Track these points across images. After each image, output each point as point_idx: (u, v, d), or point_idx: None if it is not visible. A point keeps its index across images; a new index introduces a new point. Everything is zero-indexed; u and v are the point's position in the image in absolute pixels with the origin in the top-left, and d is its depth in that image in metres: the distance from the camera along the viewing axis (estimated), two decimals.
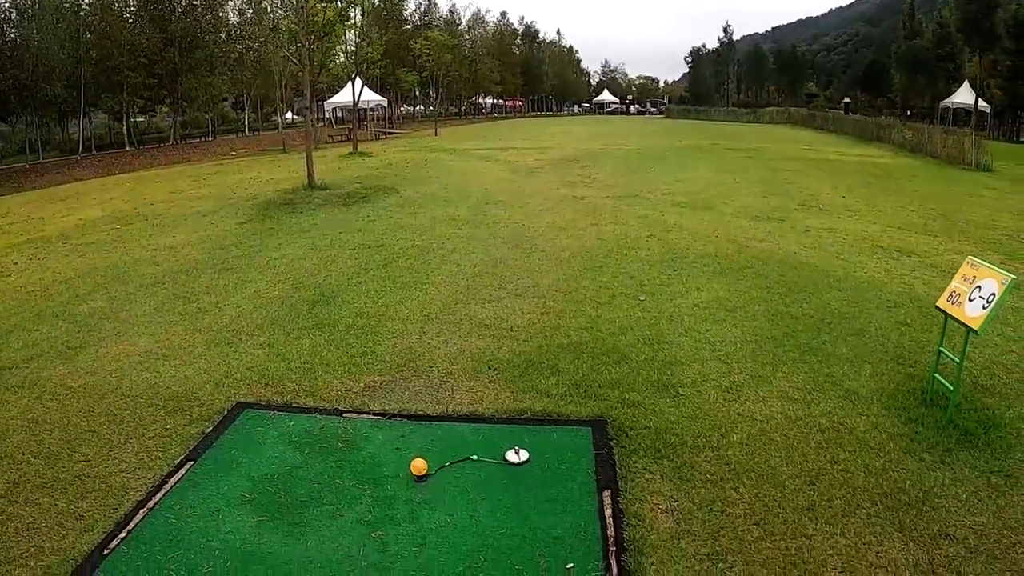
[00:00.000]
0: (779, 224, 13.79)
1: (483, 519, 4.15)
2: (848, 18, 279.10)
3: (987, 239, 13.02)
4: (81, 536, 3.98)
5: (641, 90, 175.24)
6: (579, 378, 6.22)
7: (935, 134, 34.87)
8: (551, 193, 17.49)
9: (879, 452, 5.03)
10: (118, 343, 7.15)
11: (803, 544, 4.00)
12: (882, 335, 7.38)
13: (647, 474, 4.70)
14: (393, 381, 6.19)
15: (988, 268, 5.35)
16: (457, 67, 65.14)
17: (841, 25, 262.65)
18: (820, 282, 9.33)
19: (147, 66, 41.85)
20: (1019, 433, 5.35)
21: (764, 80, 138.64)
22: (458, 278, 9.41)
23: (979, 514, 4.33)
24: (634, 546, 3.93)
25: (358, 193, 17.23)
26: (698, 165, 25.13)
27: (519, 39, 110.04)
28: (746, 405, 5.75)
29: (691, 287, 9.05)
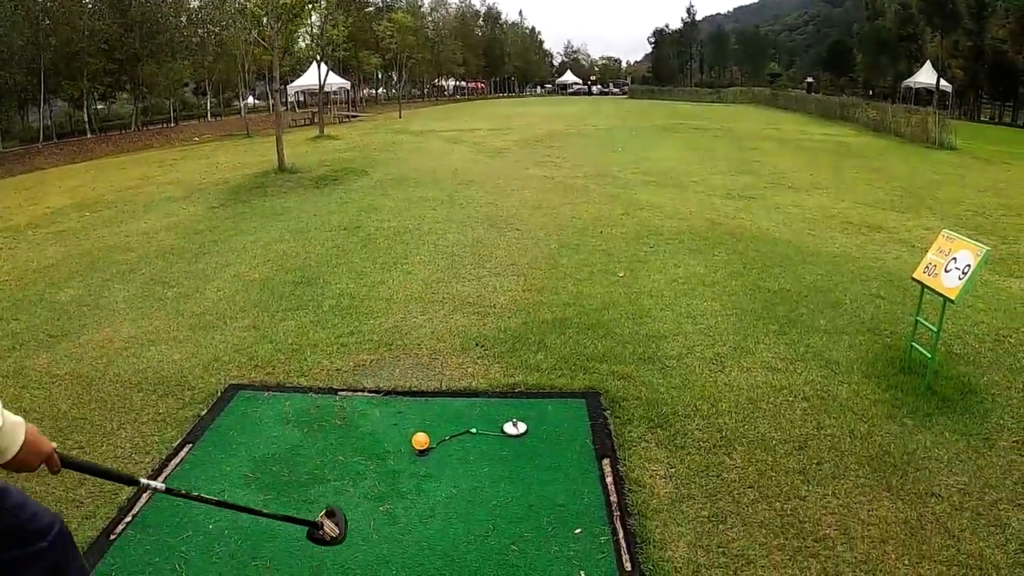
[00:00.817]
0: (750, 201, 13.97)
1: (488, 490, 4.22)
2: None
3: (953, 215, 13.30)
4: (83, 523, 3.94)
5: (604, 71, 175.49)
6: (567, 352, 6.30)
7: (899, 113, 35.26)
8: (521, 173, 17.57)
9: (863, 418, 5.17)
10: (100, 330, 7.10)
11: (798, 505, 4.12)
12: (857, 307, 7.54)
13: (643, 443, 4.80)
14: (382, 359, 6.24)
15: (963, 240, 5.50)
16: (420, 49, 64.85)
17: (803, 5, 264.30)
18: (794, 257, 9.50)
19: (107, 52, 41.12)
20: (994, 398, 5.52)
21: (727, 60, 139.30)
22: (437, 258, 9.47)
23: (961, 474, 4.48)
24: (637, 511, 4.03)
25: (329, 176, 17.20)
26: (666, 144, 25.28)
27: (481, 21, 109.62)
28: (732, 375, 5.87)
29: (668, 263, 9.18)
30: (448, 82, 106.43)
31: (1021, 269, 9.53)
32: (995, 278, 8.91)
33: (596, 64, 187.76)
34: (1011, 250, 10.64)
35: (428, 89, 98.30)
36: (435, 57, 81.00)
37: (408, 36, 52.01)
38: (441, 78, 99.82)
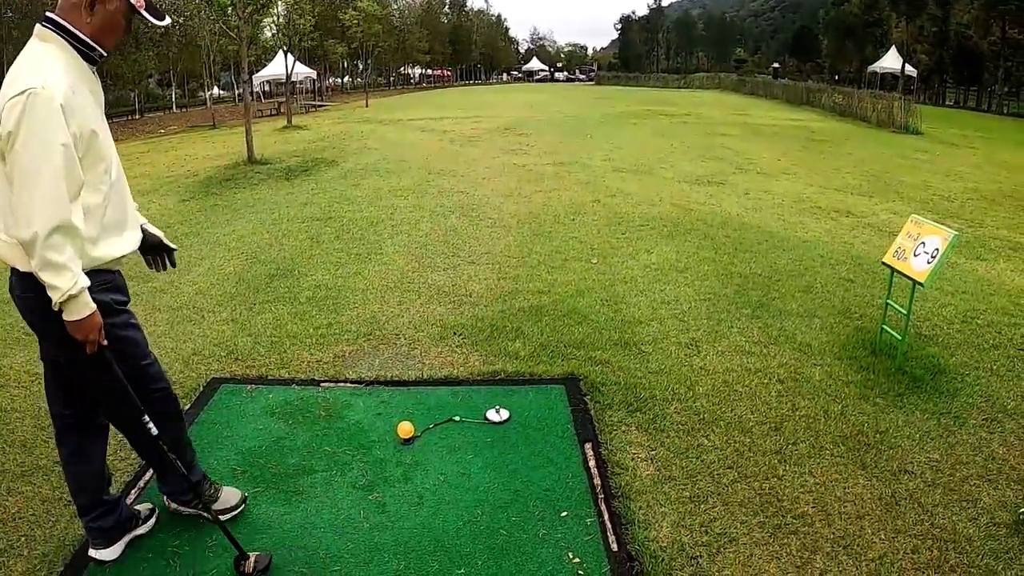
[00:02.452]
0: (719, 187, 14.12)
1: (474, 476, 4.29)
2: None
3: (920, 199, 13.53)
4: (72, 522, 3.92)
5: (570, 57, 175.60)
6: (544, 340, 6.38)
7: (865, 98, 35.62)
8: (492, 161, 17.61)
9: (836, 398, 5.30)
10: None
11: (775, 484, 4.24)
12: (828, 291, 7.69)
13: (623, 426, 4.89)
14: (362, 350, 6.28)
15: (932, 225, 5.65)
16: (385, 38, 64.49)
17: None
18: (764, 242, 9.64)
19: None
20: (963, 378, 5.68)
21: (693, 46, 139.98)
22: (411, 247, 9.50)
23: (932, 452, 4.62)
24: (621, 493, 4.12)
25: (299, 166, 17.13)
26: (634, 131, 25.40)
27: (447, 8, 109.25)
28: (707, 359, 5.98)
29: (640, 249, 9.28)
30: (414, 70, 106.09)
31: (987, 252, 9.75)
32: (962, 261, 9.11)
33: (562, 51, 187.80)
34: (977, 234, 10.85)
35: (394, 77, 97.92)
36: (401, 45, 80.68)
37: (374, 24, 51.73)
38: (407, 66, 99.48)
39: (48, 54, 2.99)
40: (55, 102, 2.80)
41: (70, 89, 2.90)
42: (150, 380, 3.47)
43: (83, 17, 3.04)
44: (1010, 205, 13.66)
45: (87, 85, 3.09)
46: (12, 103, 2.77)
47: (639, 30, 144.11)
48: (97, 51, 3.12)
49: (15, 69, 2.94)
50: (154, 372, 3.53)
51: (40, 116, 2.77)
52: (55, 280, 2.82)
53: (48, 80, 2.83)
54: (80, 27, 3.04)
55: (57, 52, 3.01)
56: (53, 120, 2.80)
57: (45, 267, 2.81)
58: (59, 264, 2.81)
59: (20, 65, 2.96)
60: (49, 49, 3.01)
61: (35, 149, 2.78)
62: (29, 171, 2.78)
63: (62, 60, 2.99)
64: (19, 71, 2.91)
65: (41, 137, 2.78)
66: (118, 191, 3.26)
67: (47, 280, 2.83)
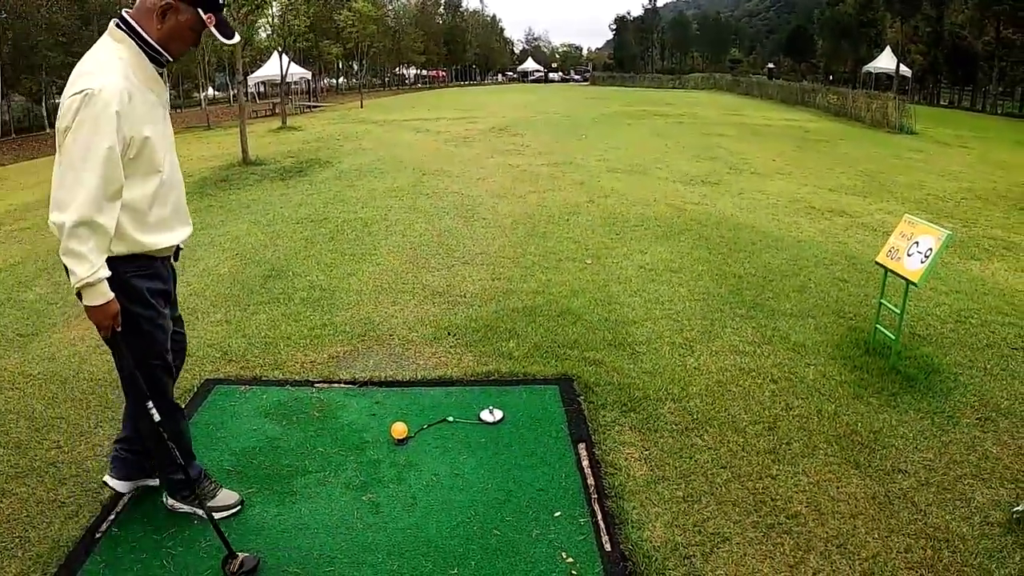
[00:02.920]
0: (714, 187, 14.14)
1: (468, 476, 4.29)
2: None
3: (915, 199, 13.55)
4: (67, 522, 3.93)
5: (565, 58, 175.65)
6: (538, 340, 6.38)
7: (860, 98, 35.69)
8: (486, 162, 17.61)
9: (830, 398, 5.31)
10: (71, 328, 7.04)
11: (769, 484, 4.24)
12: (822, 291, 7.70)
13: (617, 426, 4.90)
14: (356, 351, 6.28)
15: (925, 225, 5.66)
16: (381, 38, 64.50)
17: None
18: (759, 242, 9.65)
19: (66, 45, 40.53)
20: (956, 377, 5.69)
21: (688, 47, 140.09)
22: (405, 248, 9.50)
23: (926, 451, 4.63)
24: (614, 492, 4.13)
25: (294, 167, 17.14)
26: (629, 131, 25.41)
27: (442, 9, 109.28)
28: (701, 359, 5.99)
29: (635, 249, 9.29)
30: (409, 71, 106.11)
31: (981, 252, 9.77)
32: (956, 261, 9.13)
33: (557, 51, 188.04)
34: (971, 233, 10.87)
35: (389, 78, 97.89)
36: (396, 46, 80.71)
37: (369, 25, 51.74)
38: (402, 67, 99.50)
39: (115, 54, 3.22)
40: (110, 108, 3.04)
41: (127, 94, 3.12)
42: (153, 381, 3.59)
43: (154, 23, 3.27)
44: (1004, 205, 13.68)
45: (150, 86, 3.32)
46: (71, 100, 3.03)
47: (634, 30, 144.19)
48: (164, 56, 3.35)
49: (81, 66, 3.20)
50: (158, 378, 3.65)
51: (92, 118, 3.01)
52: (75, 267, 3.07)
53: (107, 83, 3.05)
54: (150, 31, 3.27)
55: (124, 53, 3.24)
56: (104, 123, 3.03)
57: (67, 253, 3.05)
58: (80, 253, 3.05)
59: (86, 63, 3.21)
60: (118, 49, 3.24)
61: (82, 147, 3.02)
62: (73, 165, 3.03)
63: (127, 61, 3.22)
64: (84, 69, 3.16)
65: (89, 137, 3.02)
66: (169, 188, 3.49)
67: (68, 265, 3.08)
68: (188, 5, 3.30)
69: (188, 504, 3.95)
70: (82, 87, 3.03)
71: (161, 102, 3.43)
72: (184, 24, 3.32)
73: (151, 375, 3.59)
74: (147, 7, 3.26)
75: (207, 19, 3.34)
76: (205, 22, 3.35)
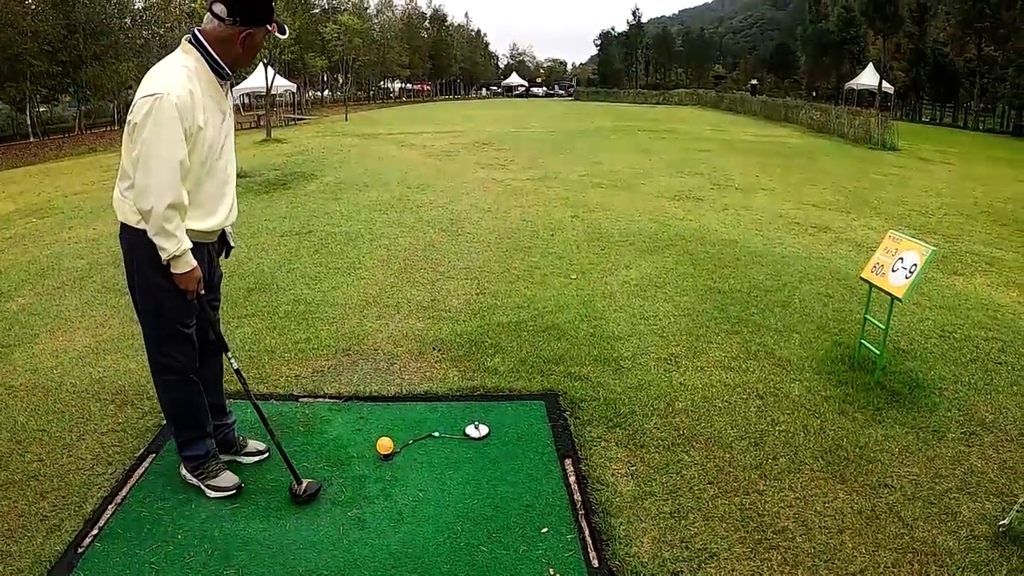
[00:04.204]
0: (698, 203, 14.18)
1: (454, 492, 4.27)
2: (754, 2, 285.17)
3: (897, 215, 13.63)
4: (49, 536, 3.88)
5: (549, 73, 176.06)
6: (523, 355, 6.37)
7: (842, 115, 35.93)
8: (470, 176, 17.64)
9: (815, 413, 5.32)
10: (54, 339, 6.98)
11: (756, 499, 4.24)
12: (806, 306, 7.71)
13: (603, 442, 4.89)
14: (340, 365, 6.25)
15: (909, 241, 5.68)
16: (366, 51, 64.54)
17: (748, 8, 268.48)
18: (743, 258, 9.67)
19: (51, 53, 40.44)
20: (941, 392, 5.71)
21: (672, 62, 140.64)
22: (390, 262, 9.48)
23: (912, 465, 4.64)
24: (601, 508, 4.12)
25: (278, 180, 17.06)
26: (613, 146, 25.50)
27: (427, 23, 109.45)
28: (686, 375, 5.98)
29: (619, 265, 9.29)
30: (394, 84, 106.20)
31: (964, 267, 9.84)
32: (939, 276, 9.19)
33: (542, 66, 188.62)
34: (954, 248, 10.95)
35: (374, 91, 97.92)
36: (381, 59, 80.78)
37: (355, 38, 51.81)
38: (387, 80, 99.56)
39: (182, 63, 3.69)
40: (175, 110, 3.51)
41: (188, 94, 3.58)
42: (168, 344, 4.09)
43: (235, 48, 3.78)
44: (986, 220, 13.80)
45: (211, 93, 3.78)
46: (143, 101, 3.51)
47: (618, 46, 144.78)
48: (226, 70, 3.82)
49: (154, 71, 3.69)
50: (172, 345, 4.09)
51: (163, 118, 3.50)
52: (165, 244, 3.64)
53: (172, 87, 3.53)
54: (222, 54, 3.77)
55: (191, 63, 3.70)
56: (171, 121, 3.52)
57: (158, 233, 3.62)
58: (168, 232, 3.62)
59: (158, 69, 3.70)
60: (185, 59, 3.71)
61: (156, 143, 3.52)
62: (151, 158, 3.52)
63: (193, 69, 3.69)
64: (156, 74, 3.65)
65: (163, 133, 3.51)
66: (214, 179, 3.93)
67: (159, 243, 3.65)
68: (256, 27, 3.77)
69: (196, 478, 4.32)
70: (152, 91, 3.51)
71: (220, 109, 3.87)
72: (257, 44, 3.85)
73: (166, 338, 4.06)
74: (222, 36, 3.73)
75: (271, 28, 3.84)
76: (270, 31, 3.86)
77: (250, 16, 3.72)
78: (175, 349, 4.06)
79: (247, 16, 3.71)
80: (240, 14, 3.69)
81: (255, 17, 3.74)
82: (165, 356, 4.06)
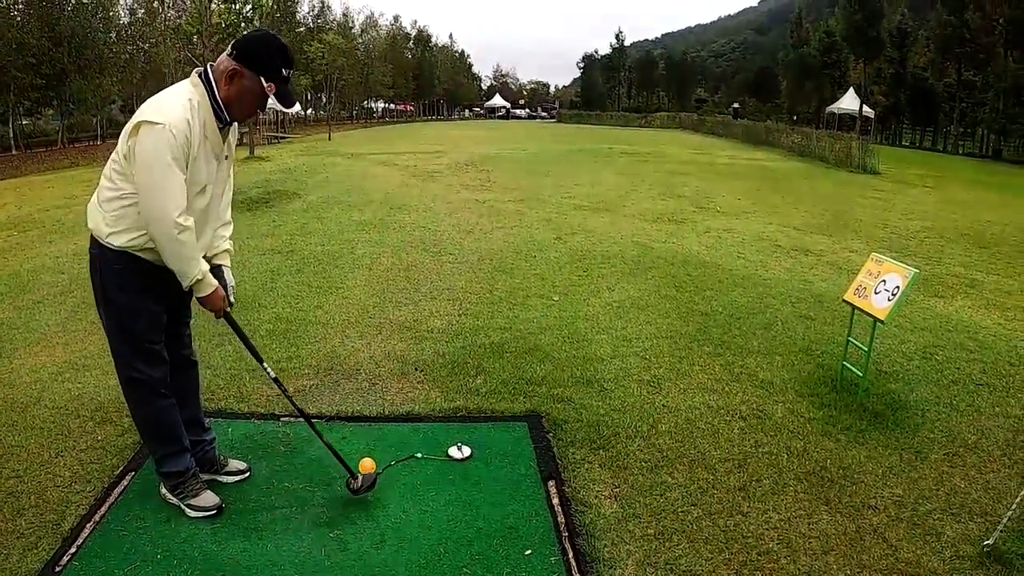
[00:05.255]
0: (679, 226, 14.21)
1: (437, 513, 4.24)
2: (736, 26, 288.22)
3: (879, 238, 13.71)
4: (26, 554, 3.82)
5: (532, 95, 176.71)
6: (506, 376, 6.36)
7: (823, 138, 36.24)
8: (453, 197, 17.63)
9: (798, 435, 5.32)
10: (32, 354, 6.91)
11: (740, 520, 4.24)
12: (788, 329, 7.74)
13: (586, 464, 4.88)
14: (322, 384, 6.21)
15: (892, 263, 5.73)
16: (350, 71, 64.59)
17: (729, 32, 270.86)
18: (725, 280, 9.70)
19: (35, 66, 40.22)
20: (924, 413, 5.75)
21: (655, 85, 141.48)
22: (372, 282, 9.46)
23: (895, 486, 4.66)
24: (585, 530, 4.10)
25: (260, 198, 17.01)
26: (595, 169, 25.57)
27: (411, 43, 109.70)
28: (669, 397, 5.98)
29: (602, 287, 9.30)
30: (377, 104, 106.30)
31: (945, 289, 9.90)
32: (921, 298, 9.24)
33: (525, 88, 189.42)
34: (935, 271, 11.02)
35: (357, 111, 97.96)
36: (365, 79, 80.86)
37: (339, 57, 51.87)
38: (371, 100, 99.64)
39: (187, 96, 3.66)
40: (175, 139, 3.51)
41: (186, 125, 3.57)
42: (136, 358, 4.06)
43: (224, 84, 3.71)
44: (966, 243, 13.92)
45: (207, 134, 3.75)
46: (146, 129, 3.51)
47: (601, 69, 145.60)
48: (224, 114, 3.78)
49: (160, 97, 3.68)
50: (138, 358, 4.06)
51: (164, 146, 3.50)
52: (183, 269, 3.74)
53: (173, 119, 3.52)
54: (219, 89, 3.72)
55: (196, 98, 3.68)
56: (172, 150, 3.52)
57: (172, 259, 3.69)
58: (184, 256, 3.68)
59: (165, 96, 3.69)
60: (191, 93, 3.68)
61: (160, 172, 3.53)
62: (153, 187, 3.55)
63: (196, 104, 3.66)
64: (160, 102, 3.63)
65: (165, 164, 3.52)
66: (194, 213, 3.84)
67: (177, 270, 3.75)
68: (253, 73, 3.70)
69: (176, 497, 4.26)
70: (154, 119, 3.51)
71: (215, 152, 3.86)
72: (247, 89, 3.72)
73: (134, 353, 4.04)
74: (220, 69, 3.70)
75: (267, 87, 3.73)
76: (266, 90, 3.73)
77: (248, 57, 3.69)
78: (144, 364, 4.03)
79: (246, 54, 3.69)
80: (240, 50, 3.70)
81: (252, 60, 3.69)
82: (135, 371, 4.03)
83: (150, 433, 4.22)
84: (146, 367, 4.03)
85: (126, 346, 4.00)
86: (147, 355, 4.03)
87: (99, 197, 3.82)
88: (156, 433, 4.19)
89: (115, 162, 3.73)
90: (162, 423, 4.16)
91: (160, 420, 4.15)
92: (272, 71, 3.72)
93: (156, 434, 4.19)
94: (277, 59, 3.74)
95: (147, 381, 4.05)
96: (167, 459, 4.21)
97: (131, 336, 3.98)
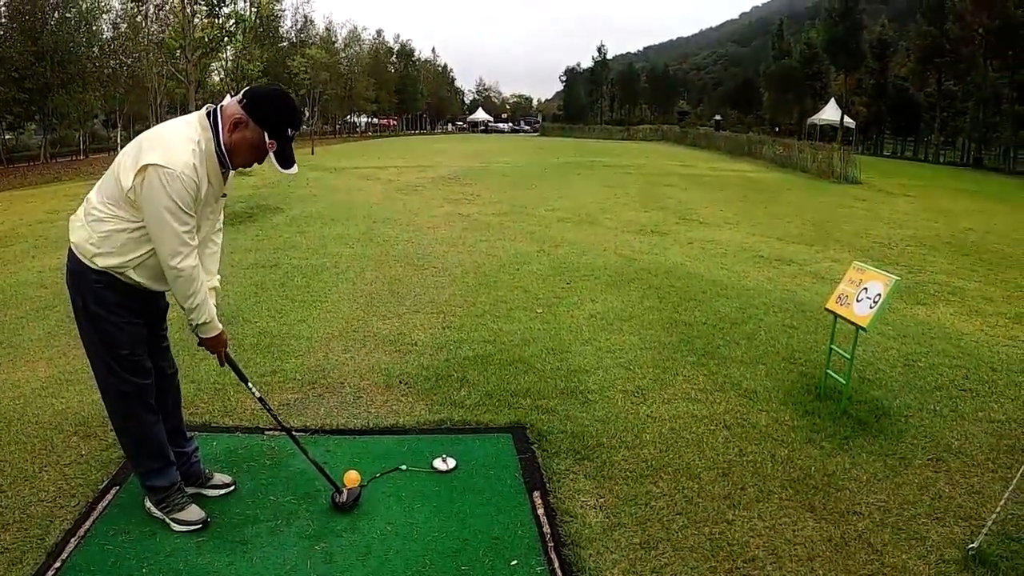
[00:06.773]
0: (663, 237, 14.27)
1: (422, 525, 4.24)
2: (718, 39, 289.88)
3: (860, 247, 13.79)
4: (10, 570, 3.80)
5: (515, 108, 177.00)
6: (490, 388, 6.36)
7: (805, 149, 36.46)
8: (436, 211, 17.66)
9: (783, 443, 5.35)
10: (15, 369, 6.87)
11: (725, 529, 4.25)
12: (772, 338, 7.77)
13: (571, 474, 4.88)
14: (307, 398, 6.20)
15: (873, 271, 5.78)
16: (333, 85, 64.61)
17: (711, 45, 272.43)
18: (708, 291, 9.74)
19: (17, 80, 40.13)
20: (907, 420, 5.79)
21: (637, 98, 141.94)
22: (356, 296, 9.45)
23: (880, 492, 4.69)
24: (571, 540, 4.11)
25: (244, 212, 16.99)
26: (578, 181, 25.67)
27: (394, 57, 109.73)
28: (653, 407, 6.00)
29: (585, 298, 9.32)
30: (360, 118, 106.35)
31: (927, 297, 9.98)
32: (903, 306, 9.30)
33: (508, 101, 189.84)
34: (916, 279, 11.10)
35: (340, 125, 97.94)
36: (348, 93, 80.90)
37: (322, 72, 51.92)
38: (353, 114, 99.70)
39: (195, 139, 3.66)
40: (183, 187, 3.54)
41: (195, 172, 3.60)
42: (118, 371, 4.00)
43: (228, 130, 3.71)
44: (948, 251, 14.03)
45: (211, 178, 3.76)
46: (155, 171, 3.50)
47: (584, 82, 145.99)
48: (226, 160, 3.79)
49: (166, 135, 3.69)
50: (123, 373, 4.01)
51: (172, 190, 3.52)
52: (194, 315, 3.90)
53: (179, 163, 3.53)
54: (224, 133, 3.72)
55: (203, 143, 3.68)
56: (180, 197, 3.56)
57: (184, 300, 3.81)
58: (195, 301, 3.83)
59: (171, 134, 3.69)
60: (199, 136, 3.68)
61: (170, 214, 3.56)
62: (164, 231, 3.59)
63: (203, 150, 3.67)
64: (168, 142, 3.62)
65: (174, 207, 3.55)
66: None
67: (184, 307, 3.88)
68: (256, 125, 3.70)
69: (161, 511, 4.23)
70: (163, 163, 3.50)
71: (215, 195, 3.91)
72: (249, 140, 3.73)
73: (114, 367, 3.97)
74: (227, 114, 3.71)
75: (269, 144, 3.74)
76: (267, 146, 3.75)
77: (256, 108, 3.71)
78: (131, 375, 4.00)
79: (254, 106, 3.71)
80: (250, 100, 3.72)
81: (259, 112, 3.71)
82: (123, 383, 3.99)
83: (136, 448, 4.18)
84: (133, 376, 4.00)
85: (112, 360, 3.95)
86: (133, 367, 3.99)
87: (87, 216, 3.78)
88: (141, 448, 4.16)
89: (110, 186, 3.71)
90: (148, 438, 4.13)
91: (145, 435, 4.12)
92: (276, 128, 3.74)
93: (141, 449, 4.16)
94: (284, 118, 3.77)
95: (134, 391, 4.02)
96: (152, 474, 4.18)
97: (115, 350, 3.93)
